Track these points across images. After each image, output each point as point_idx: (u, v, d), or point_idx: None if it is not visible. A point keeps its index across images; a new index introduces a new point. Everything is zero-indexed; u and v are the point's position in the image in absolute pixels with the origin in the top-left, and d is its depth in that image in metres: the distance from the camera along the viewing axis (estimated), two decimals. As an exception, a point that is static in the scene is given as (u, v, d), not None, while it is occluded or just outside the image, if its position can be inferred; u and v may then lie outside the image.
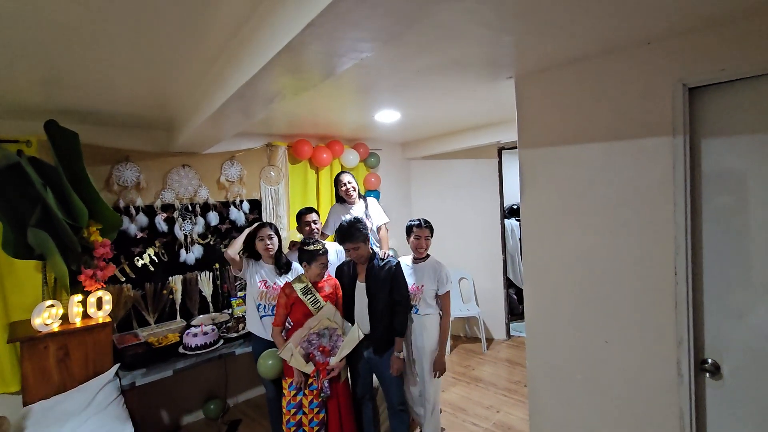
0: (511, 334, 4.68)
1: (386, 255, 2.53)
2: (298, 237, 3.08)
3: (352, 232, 2.34)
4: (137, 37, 1.53)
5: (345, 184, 3.21)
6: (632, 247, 1.80)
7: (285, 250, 2.89)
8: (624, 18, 1.48)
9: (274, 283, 2.59)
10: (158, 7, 1.32)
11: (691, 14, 1.45)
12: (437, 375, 2.50)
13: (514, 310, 4.95)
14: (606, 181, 1.87)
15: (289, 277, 2.61)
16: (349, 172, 3.32)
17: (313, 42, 1.14)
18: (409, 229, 2.61)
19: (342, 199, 3.27)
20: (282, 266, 2.65)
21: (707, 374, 1.66)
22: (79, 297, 2.40)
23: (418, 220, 2.60)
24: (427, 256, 2.60)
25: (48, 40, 1.51)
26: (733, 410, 1.62)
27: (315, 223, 2.89)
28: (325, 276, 2.41)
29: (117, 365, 2.41)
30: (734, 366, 1.61)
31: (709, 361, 1.66)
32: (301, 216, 2.92)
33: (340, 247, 3.15)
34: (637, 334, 1.81)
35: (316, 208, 3.13)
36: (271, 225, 2.66)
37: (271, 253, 2.60)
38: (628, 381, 1.84)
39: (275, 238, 2.63)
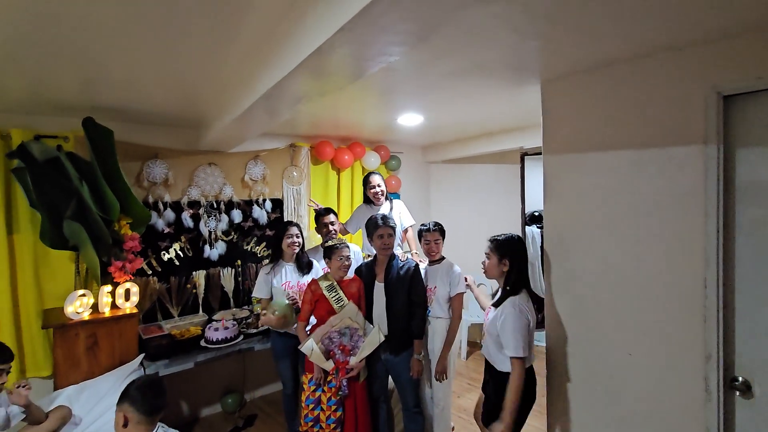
0: (529, 342, 4.59)
1: (405, 257, 2.55)
2: (318, 238, 3.13)
3: (386, 218, 2.43)
4: (171, 38, 1.59)
5: (375, 187, 3.22)
6: (660, 257, 1.75)
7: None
8: (655, 23, 1.45)
9: (298, 282, 2.66)
10: (192, 10, 1.37)
11: (726, 20, 1.41)
12: (438, 377, 2.46)
13: (533, 319, 4.85)
14: (633, 189, 1.83)
15: (313, 277, 2.67)
16: (379, 174, 3.32)
17: (343, 46, 1.16)
18: (420, 234, 2.61)
19: (369, 200, 3.29)
20: (304, 266, 2.71)
21: (737, 393, 1.60)
22: (108, 288, 2.50)
23: (428, 224, 2.58)
24: (442, 258, 2.59)
25: (88, 41, 1.58)
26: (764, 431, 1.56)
27: (333, 225, 2.92)
28: (351, 275, 2.45)
29: (142, 355, 2.49)
30: (767, 386, 1.55)
31: (740, 379, 1.59)
32: (320, 217, 2.96)
33: (357, 248, 3.19)
34: (662, 348, 1.75)
35: (334, 210, 3.18)
36: (297, 225, 2.74)
37: (295, 250, 2.66)
38: (652, 396, 1.79)
39: (301, 238, 2.71)
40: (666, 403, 1.75)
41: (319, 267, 2.78)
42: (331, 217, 2.94)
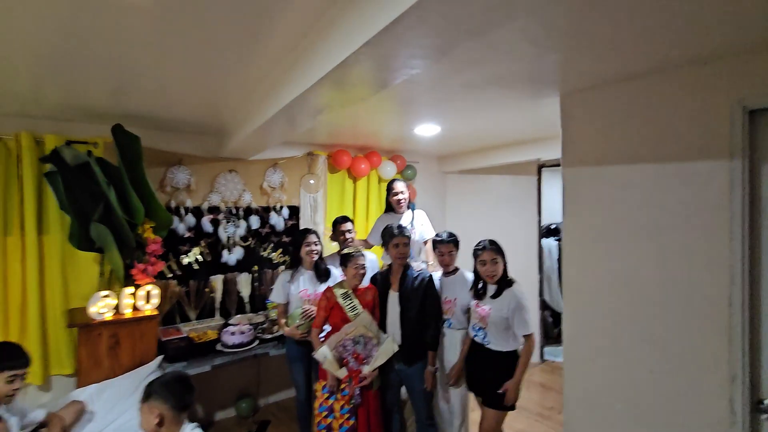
0: (545, 358, 4.52)
1: (420, 268, 2.55)
2: (333, 245, 3.15)
3: (401, 228, 2.47)
4: (199, 50, 1.65)
5: (398, 193, 3.17)
6: (682, 274, 1.72)
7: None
8: (679, 36, 1.45)
9: (315, 291, 2.68)
10: (220, 22, 1.42)
11: (752, 34, 1.40)
12: (451, 382, 2.41)
13: (549, 334, 4.77)
14: (655, 203, 1.80)
15: (330, 284, 2.69)
16: (402, 181, 3.28)
17: (368, 59, 1.19)
18: (434, 245, 2.57)
19: (390, 207, 3.25)
20: (322, 273, 2.73)
21: (763, 416, 1.55)
22: (130, 289, 2.56)
23: (441, 234, 2.54)
24: (456, 269, 2.55)
25: (120, 52, 1.65)
26: (793, 457, 1.50)
27: (350, 233, 2.94)
28: (367, 284, 2.47)
29: (161, 357, 2.54)
30: (796, 409, 1.50)
31: (766, 402, 1.54)
32: (337, 225, 2.99)
33: (374, 257, 3.20)
34: (685, 367, 1.71)
35: (351, 218, 3.18)
36: (315, 232, 2.78)
37: (314, 258, 2.70)
38: (673, 416, 1.74)
39: (319, 245, 2.73)
40: (688, 424, 1.70)
41: (338, 274, 2.80)
42: (348, 225, 2.97)
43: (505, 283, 2.25)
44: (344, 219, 3.01)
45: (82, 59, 1.71)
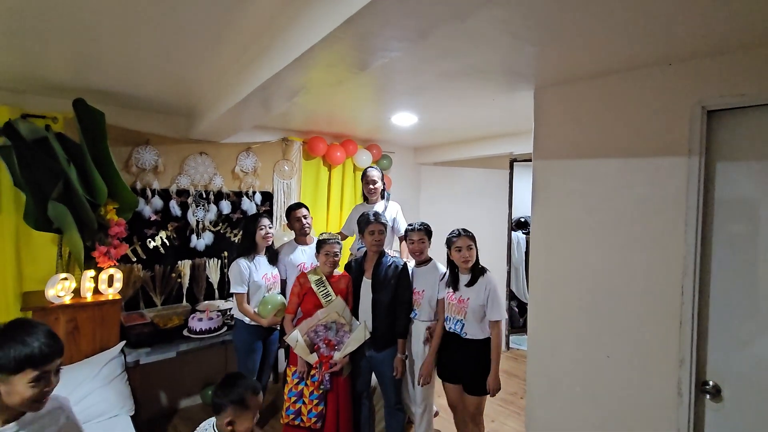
0: (511, 346, 4.67)
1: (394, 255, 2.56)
2: (290, 233, 3.10)
3: (378, 215, 2.45)
4: (171, 24, 1.58)
5: (369, 183, 3.15)
6: (640, 264, 1.81)
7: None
8: (647, 38, 1.51)
9: (273, 274, 2.73)
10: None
11: (713, 38, 1.48)
12: (420, 381, 2.38)
13: (515, 323, 4.94)
14: (619, 197, 1.88)
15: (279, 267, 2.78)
16: (377, 170, 3.21)
17: (347, 39, 1.17)
18: (405, 234, 2.56)
19: (365, 197, 3.24)
20: (273, 255, 2.77)
21: (707, 396, 1.66)
22: (91, 273, 2.45)
23: (413, 224, 2.54)
24: (429, 260, 2.54)
25: (85, 20, 1.56)
26: (731, 434, 1.62)
27: (306, 218, 2.90)
28: (340, 272, 2.47)
29: (123, 342, 2.45)
30: (735, 391, 1.62)
31: (710, 383, 1.66)
32: (291, 212, 2.92)
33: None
34: (639, 351, 1.81)
35: (324, 206, 3.11)
36: (266, 216, 2.77)
37: (269, 242, 2.70)
38: (627, 397, 1.85)
39: (272, 228, 2.75)
40: (641, 404, 1.81)
41: (293, 259, 2.84)
42: (303, 211, 2.90)
43: (478, 270, 2.30)
44: (298, 205, 2.94)
45: (42, 23, 1.60)
